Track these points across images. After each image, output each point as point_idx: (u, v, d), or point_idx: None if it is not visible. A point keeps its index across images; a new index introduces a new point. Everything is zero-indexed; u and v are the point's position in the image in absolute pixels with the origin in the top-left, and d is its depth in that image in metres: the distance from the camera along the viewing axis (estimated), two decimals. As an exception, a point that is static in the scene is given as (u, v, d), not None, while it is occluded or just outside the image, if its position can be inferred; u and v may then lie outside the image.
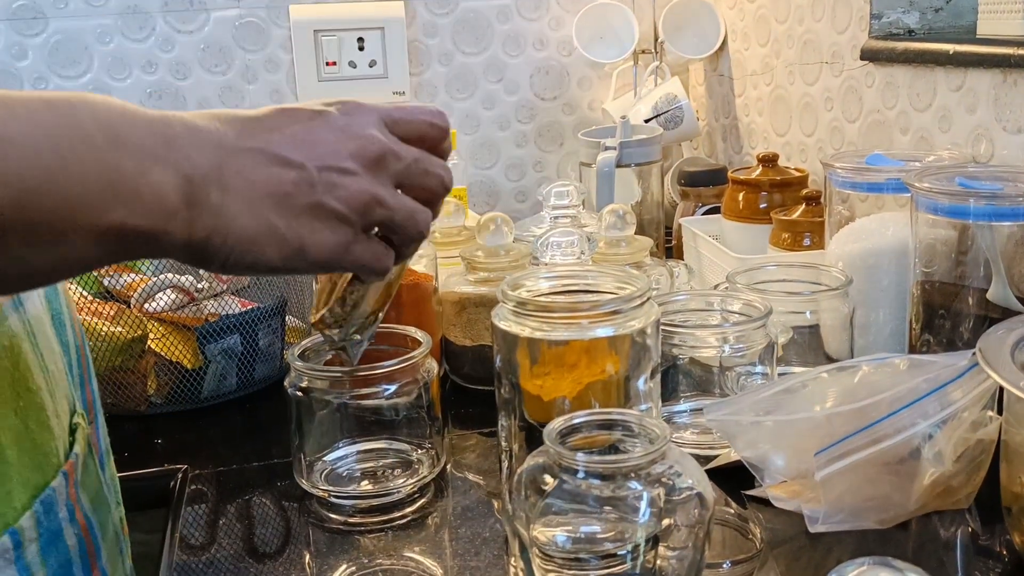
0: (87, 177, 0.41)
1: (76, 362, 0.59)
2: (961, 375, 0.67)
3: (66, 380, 0.56)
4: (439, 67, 1.60)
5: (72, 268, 0.43)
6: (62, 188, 0.40)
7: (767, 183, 1.18)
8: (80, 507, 0.53)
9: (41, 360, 0.52)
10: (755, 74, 1.47)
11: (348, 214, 0.50)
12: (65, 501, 0.51)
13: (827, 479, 0.66)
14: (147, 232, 0.43)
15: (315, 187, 0.49)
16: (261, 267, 0.48)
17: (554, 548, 0.59)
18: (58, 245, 0.41)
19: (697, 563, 0.59)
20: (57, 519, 0.50)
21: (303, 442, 0.79)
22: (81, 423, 0.55)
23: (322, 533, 0.74)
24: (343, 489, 0.77)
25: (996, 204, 0.79)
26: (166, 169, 0.44)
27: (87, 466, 0.55)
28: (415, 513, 0.76)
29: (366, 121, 0.52)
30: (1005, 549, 0.66)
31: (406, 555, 0.70)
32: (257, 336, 0.99)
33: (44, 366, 0.52)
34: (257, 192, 0.47)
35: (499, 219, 0.96)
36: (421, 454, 0.80)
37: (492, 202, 1.67)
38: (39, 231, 0.40)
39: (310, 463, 0.79)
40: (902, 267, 0.90)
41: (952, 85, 1.01)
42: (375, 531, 0.74)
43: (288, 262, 0.48)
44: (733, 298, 0.84)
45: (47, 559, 0.49)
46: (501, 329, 0.69)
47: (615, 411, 0.62)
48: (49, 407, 0.52)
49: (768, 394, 0.72)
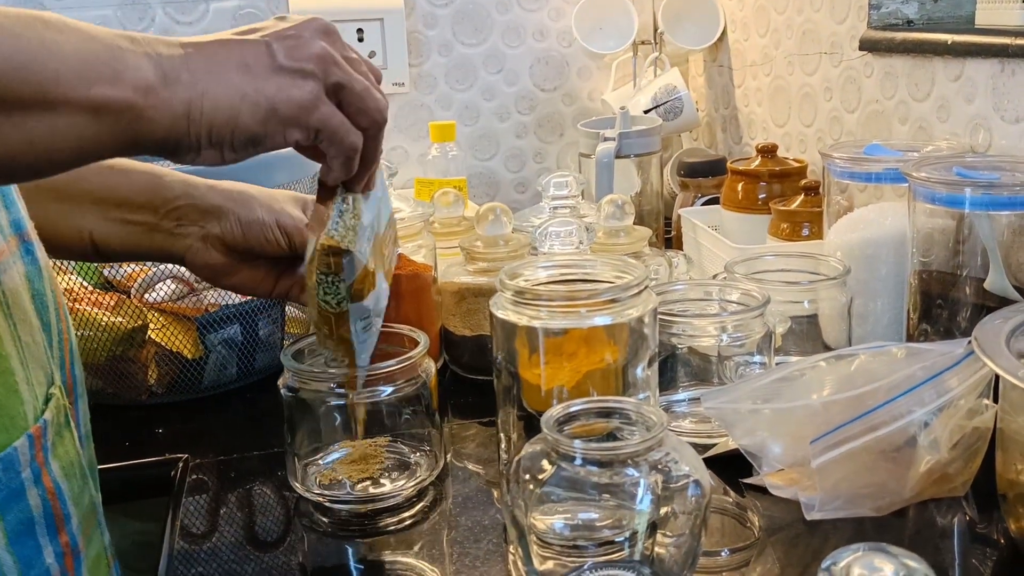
0: (68, 59, 0.47)
1: (58, 345, 0.61)
2: (957, 363, 0.67)
3: (44, 353, 0.57)
4: (439, 58, 1.60)
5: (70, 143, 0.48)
6: (47, 66, 0.46)
7: (766, 173, 1.19)
8: (48, 472, 0.55)
9: (14, 330, 0.55)
10: (754, 65, 1.47)
11: (309, 68, 0.54)
12: (30, 462, 0.54)
13: (823, 466, 0.67)
14: (131, 105, 0.49)
15: (275, 53, 0.54)
16: (241, 136, 0.53)
17: (552, 535, 0.59)
18: (51, 114, 0.47)
19: (694, 550, 0.60)
20: (19, 478, 0.53)
21: (295, 444, 0.77)
22: (57, 395, 0.57)
23: (322, 520, 0.74)
24: (337, 494, 0.75)
25: (993, 193, 0.79)
26: (138, 55, 0.50)
27: (62, 435, 0.57)
28: (414, 509, 0.76)
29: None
30: (1001, 536, 0.67)
31: (406, 542, 0.71)
32: (257, 326, 0.99)
33: (17, 336, 0.55)
34: (222, 67, 0.52)
35: (498, 209, 0.96)
36: (419, 456, 0.79)
37: (492, 193, 1.67)
38: (33, 100, 0.46)
39: (304, 466, 0.78)
40: (900, 257, 0.91)
41: (951, 75, 1.01)
42: (374, 522, 0.74)
43: (265, 125, 0.53)
44: (731, 288, 0.84)
45: (5, 514, 0.53)
46: (499, 318, 0.69)
47: (612, 399, 0.62)
48: (19, 373, 0.54)
49: (766, 382, 0.73)
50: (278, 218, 0.73)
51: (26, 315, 0.56)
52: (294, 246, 0.73)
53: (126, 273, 0.97)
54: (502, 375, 0.71)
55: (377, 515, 0.74)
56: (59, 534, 0.57)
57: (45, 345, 0.58)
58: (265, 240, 0.72)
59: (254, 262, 0.74)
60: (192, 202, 0.71)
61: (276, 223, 0.73)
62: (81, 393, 0.64)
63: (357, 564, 0.70)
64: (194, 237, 0.72)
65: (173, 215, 0.71)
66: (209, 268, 0.73)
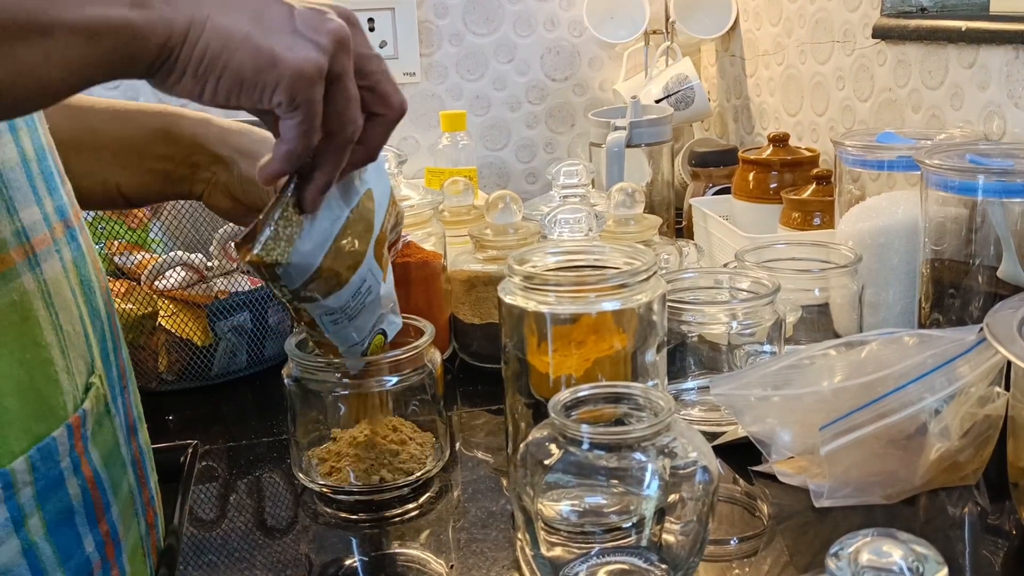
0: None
1: (108, 329, 0.61)
2: (969, 350, 0.67)
3: (83, 342, 0.57)
4: (450, 48, 1.60)
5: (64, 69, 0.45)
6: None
7: (777, 163, 1.18)
8: (88, 461, 0.55)
9: (55, 319, 0.54)
10: (767, 54, 1.46)
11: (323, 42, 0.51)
12: (69, 452, 0.53)
13: (832, 453, 0.66)
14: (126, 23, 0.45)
15: (295, 18, 0.50)
16: (230, 75, 0.49)
17: (559, 521, 0.59)
18: (45, 40, 0.44)
19: (702, 537, 0.59)
20: (58, 468, 0.53)
21: (299, 433, 0.77)
22: (97, 383, 0.57)
23: (329, 508, 0.74)
24: (340, 485, 0.75)
25: (1007, 181, 0.78)
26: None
27: (102, 424, 0.57)
28: (421, 499, 0.76)
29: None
30: (1012, 526, 0.66)
31: (415, 529, 0.71)
32: (267, 313, 0.99)
33: (58, 325, 0.54)
34: (237, 7, 0.49)
35: (508, 197, 0.96)
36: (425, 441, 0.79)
37: (502, 183, 1.67)
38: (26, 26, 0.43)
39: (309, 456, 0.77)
40: (912, 246, 0.90)
41: (964, 62, 1.00)
42: (382, 510, 0.74)
43: (259, 73, 0.49)
44: (742, 276, 0.84)
45: (44, 504, 0.52)
46: (508, 304, 0.69)
47: (620, 384, 0.62)
48: (59, 363, 0.54)
49: (775, 369, 0.72)
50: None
51: (67, 303, 0.56)
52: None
53: (136, 260, 0.98)
54: (510, 362, 0.71)
55: (384, 504, 0.74)
56: (99, 523, 0.56)
57: (90, 333, 0.58)
58: (258, 197, 0.72)
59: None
60: (204, 151, 0.72)
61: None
62: (131, 376, 0.64)
63: (364, 552, 0.70)
64: (206, 182, 0.73)
65: (188, 162, 0.72)
66: (220, 210, 0.75)
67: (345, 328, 0.67)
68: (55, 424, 0.53)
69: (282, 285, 0.60)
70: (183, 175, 0.72)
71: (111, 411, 0.59)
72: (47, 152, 0.58)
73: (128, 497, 0.61)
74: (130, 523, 0.61)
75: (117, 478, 0.59)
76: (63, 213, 0.58)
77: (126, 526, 0.60)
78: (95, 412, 0.57)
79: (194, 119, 0.72)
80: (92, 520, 0.56)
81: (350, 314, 0.66)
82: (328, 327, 0.66)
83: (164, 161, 0.71)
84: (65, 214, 0.58)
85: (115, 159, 0.71)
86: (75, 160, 0.67)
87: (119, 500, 0.59)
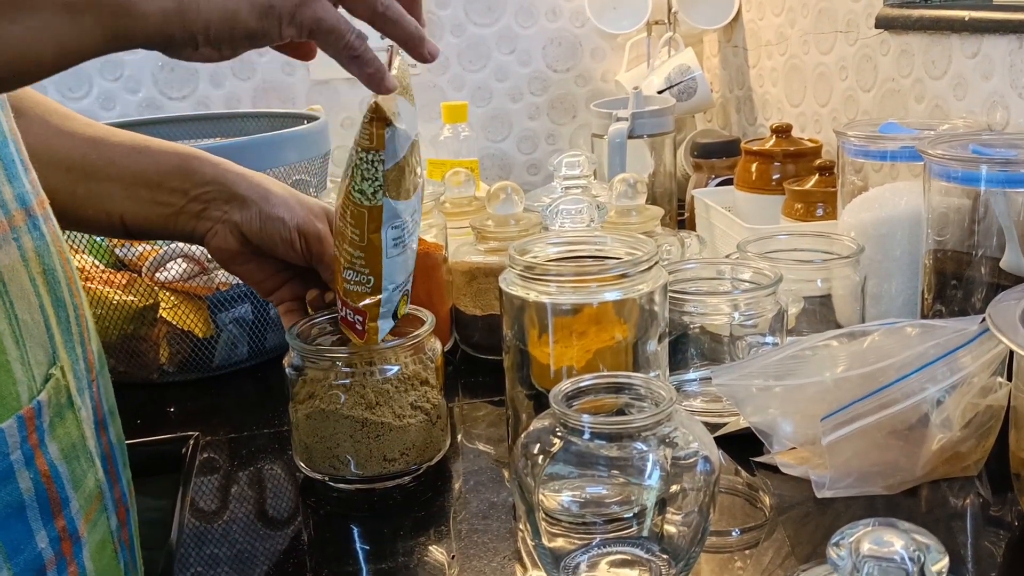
0: None
1: (75, 321, 0.59)
2: (971, 340, 0.67)
3: (43, 332, 0.56)
4: (451, 38, 1.60)
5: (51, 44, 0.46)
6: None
7: (780, 154, 1.18)
8: (44, 454, 0.54)
9: (10, 308, 0.53)
10: (769, 44, 1.45)
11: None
12: (19, 444, 0.52)
13: (834, 444, 0.66)
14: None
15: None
16: (240, 33, 0.51)
17: (560, 511, 0.59)
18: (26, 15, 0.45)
19: (703, 527, 0.59)
20: (7, 460, 0.51)
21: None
22: (57, 375, 0.56)
23: (331, 498, 0.74)
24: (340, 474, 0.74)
25: (1010, 171, 0.78)
26: None
27: (63, 416, 0.56)
28: (422, 488, 0.76)
29: None
30: (1014, 517, 0.66)
31: (416, 520, 0.71)
32: (268, 305, 0.99)
33: (13, 314, 0.53)
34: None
35: (509, 188, 0.95)
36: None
37: (504, 175, 1.67)
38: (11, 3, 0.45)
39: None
40: (915, 236, 0.90)
41: (968, 52, 1.00)
42: (384, 497, 0.74)
43: (262, 20, 0.52)
44: (744, 266, 0.84)
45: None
46: (509, 294, 0.68)
47: (622, 374, 0.62)
48: (12, 353, 0.52)
49: (777, 359, 0.72)
50: (299, 221, 0.74)
51: (24, 292, 0.54)
52: (309, 253, 0.75)
53: (137, 252, 0.97)
54: (511, 352, 0.71)
55: (386, 494, 0.74)
56: (55, 518, 0.54)
57: (52, 323, 0.57)
58: (280, 238, 0.74)
59: (264, 258, 0.76)
60: (221, 188, 0.73)
61: (296, 225, 0.74)
62: (101, 369, 0.63)
63: (365, 543, 0.70)
64: (216, 220, 0.73)
65: (201, 199, 0.73)
66: (222, 251, 0.75)
67: (400, 255, 0.69)
68: (5, 415, 0.51)
69: (382, 158, 0.63)
70: (192, 211, 0.73)
71: (75, 404, 0.57)
72: (8, 139, 0.56)
73: (95, 492, 0.59)
74: (96, 519, 0.59)
75: (80, 473, 0.57)
76: (24, 201, 0.56)
77: (90, 522, 0.58)
78: (54, 404, 0.55)
79: (213, 160, 0.74)
80: (47, 515, 0.54)
81: (406, 237, 0.68)
82: (389, 248, 0.67)
83: (175, 195, 0.72)
84: (27, 202, 0.57)
85: (125, 191, 0.71)
86: (82, 186, 0.68)
87: (81, 495, 0.57)
